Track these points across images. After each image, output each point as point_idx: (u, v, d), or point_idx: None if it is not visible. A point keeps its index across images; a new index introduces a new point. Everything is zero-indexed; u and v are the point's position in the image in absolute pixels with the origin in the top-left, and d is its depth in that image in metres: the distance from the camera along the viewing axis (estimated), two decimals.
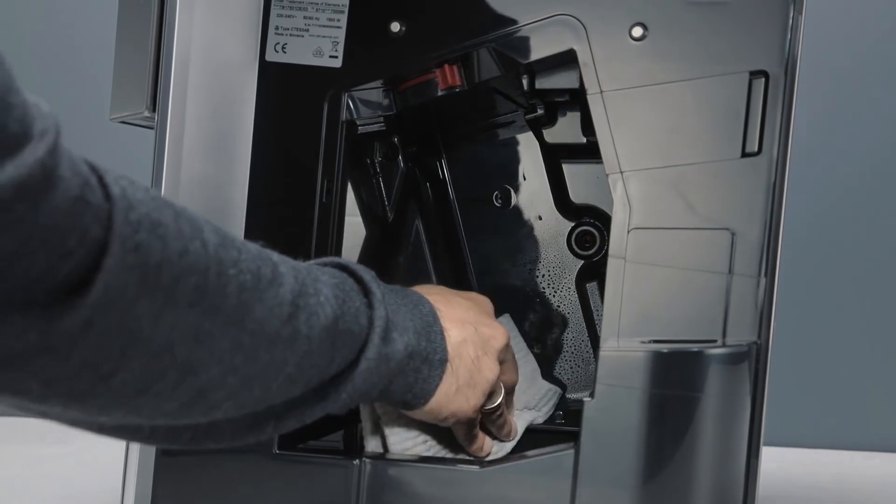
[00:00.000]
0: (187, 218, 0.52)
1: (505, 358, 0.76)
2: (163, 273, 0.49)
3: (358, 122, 0.82)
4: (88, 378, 0.49)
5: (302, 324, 0.59)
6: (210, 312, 0.53)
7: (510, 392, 0.80)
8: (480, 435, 0.77)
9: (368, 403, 0.77)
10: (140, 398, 0.52)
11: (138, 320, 0.49)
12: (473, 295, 0.79)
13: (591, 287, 0.91)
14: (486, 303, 0.79)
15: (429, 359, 0.70)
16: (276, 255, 0.60)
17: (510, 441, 0.81)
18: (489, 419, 0.77)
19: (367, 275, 0.68)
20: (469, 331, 0.73)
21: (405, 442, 0.77)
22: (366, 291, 0.67)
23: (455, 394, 0.72)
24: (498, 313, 0.87)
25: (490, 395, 0.75)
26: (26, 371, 0.47)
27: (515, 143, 0.92)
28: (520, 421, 0.82)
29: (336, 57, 0.79)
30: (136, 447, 0.77)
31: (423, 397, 0.71)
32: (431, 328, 0.71)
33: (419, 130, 0.91)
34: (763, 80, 0.72)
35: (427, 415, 0.72)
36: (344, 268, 0.68)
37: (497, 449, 0.79)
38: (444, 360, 0.71)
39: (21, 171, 0.41)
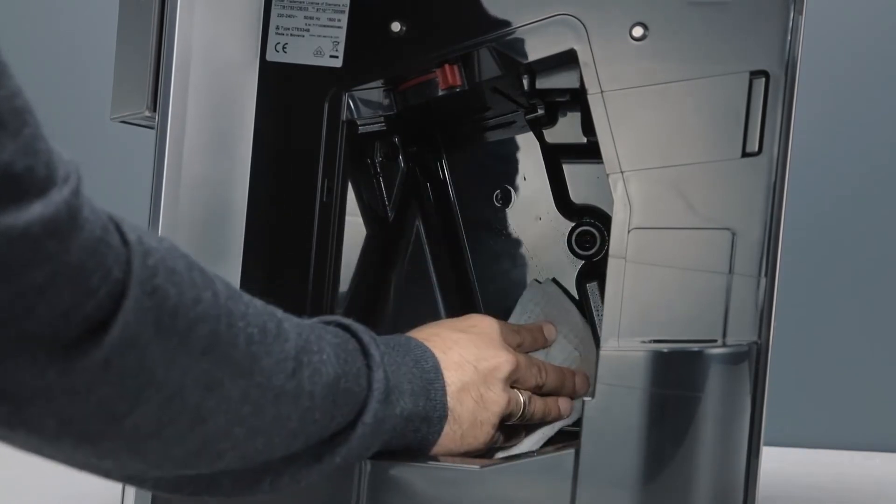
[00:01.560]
0: (199, 269, 0.54)
1: (518, 375, 0.77)
2: (178, 318, 0.51)
3: (358, 122, 0.82)
4: (103, 418, 0.50)
5: (305, 379, 0.60)
6: (221, 361, 0.54)
7: (544, 389, 0.81)
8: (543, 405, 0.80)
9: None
10: (149, 442, 0.54)
11: (153, 363, 0.50)
12: (475, 320, 0.79)
13: (592, 287, 0.91)
14: (488, 325, 0.79)
15: (428, 417, 0.71)
16: (279, 312, 0.61)
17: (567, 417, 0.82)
18: (523, 423, 0.79)
19: (367, 335, 0.68)
20: (469, 372, 0.74)
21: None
22: (365, 353, 0.67)
23: (460, 438, 0.74)
24: (499, 315, 0.87)
25: (509, 415, 0.77)
26: (45, 409, 0.48)
27: (516, 143, 0.92)
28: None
29: (337, 57, 0.79)
30: None
31: (423, 450, 0.73)
32: (432, 385, 0.72)
33: (420, 130, 0.91)
34: (763, 80, 0.72)
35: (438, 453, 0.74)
36: (345, 328, 0.69)
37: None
38: (443, 417, 0.72)
39: (50, 210, 0.44)
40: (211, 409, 0.55)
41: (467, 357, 0.75)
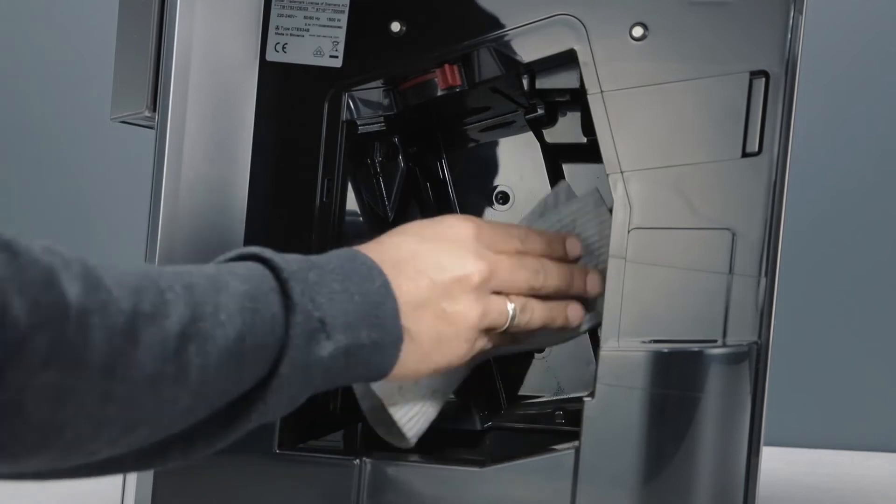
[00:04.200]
0: (42, 267, 0.48)
1: (500, 281, 0.71)
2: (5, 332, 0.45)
3: (358, 122, 0.82)
4: None
5: (193, 355, 0.54)
6: (69, 369, 0.49)
7: (543, 291, 0.75)
8: (553, 310, 0.75)
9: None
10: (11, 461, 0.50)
11: None
12: (449, 222, 0.73)
13: None
14: (463, 230, 0.72)
15: (377, 344, 0.64)
16: (167, 276, 0.55)
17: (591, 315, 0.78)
18: (515, 335, 0.74)
19: (287, 270, 0.61)
20: (424, 287, 0.68)
21: (411, 410, 0.76)
22: (283, 292, 0.60)
23: (424, 357, 0.68)
24: None
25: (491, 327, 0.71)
26: None
27: (516, 142, 0.92)
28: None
29: (336, 57, 0.79)
30: None
31: (381, 376, 0.67)
32: (379, 308, 0.64)
33: (420, 130, 0.91)
34: (763, 80, 0.72)
35: (401, 379, 0.69)
36: (265, 261, 0.62)
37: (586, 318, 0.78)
38: (398, 340, 0.65)
39: None
40: (65, 419, 0.50)
41: (424, 268, 0.68)
